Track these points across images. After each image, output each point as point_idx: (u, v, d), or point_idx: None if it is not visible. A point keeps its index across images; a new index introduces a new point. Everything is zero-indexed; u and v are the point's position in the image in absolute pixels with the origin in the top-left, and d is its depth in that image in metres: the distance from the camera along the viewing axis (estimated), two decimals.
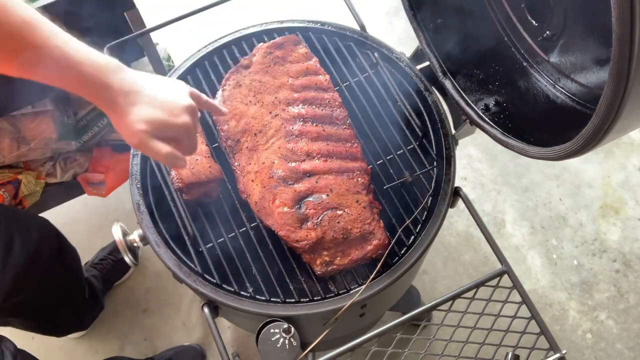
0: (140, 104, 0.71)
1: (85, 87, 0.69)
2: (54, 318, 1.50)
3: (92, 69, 0.68)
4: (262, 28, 1.19)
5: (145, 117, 0.71)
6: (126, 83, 0.71)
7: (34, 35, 0.65)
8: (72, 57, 0.67)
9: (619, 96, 0.60)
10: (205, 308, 0.95)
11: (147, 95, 0.72)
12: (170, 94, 0.75)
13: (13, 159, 1.52)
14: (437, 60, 1.11)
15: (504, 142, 0.95)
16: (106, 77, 0.69)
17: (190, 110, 0.76)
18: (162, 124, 0.73)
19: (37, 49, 0.65)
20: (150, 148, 0.73)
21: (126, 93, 0.71)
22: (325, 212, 0.96)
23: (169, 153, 0.74)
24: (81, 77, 0.68)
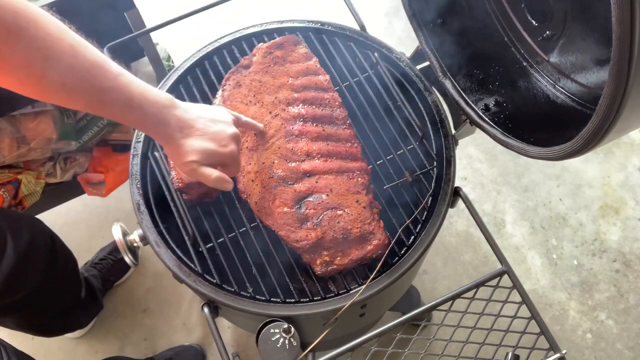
0: (194, 137, 0.80)
1: (146, 126, 0.78)
2: (48, 318, 1.49)
3: (152, 110, 0.76)
4: (262, 28, 1.19)
5: (197, 149, 0.80)
6: (181, 119, 0.79)
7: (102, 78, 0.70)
8: (135, 98, 0.74)
9: (619, 96, 0.60)
10: (205, 308, 0.95)
11: (199, 129, 0.81)
12: (218, 126, 0.83)
13: (13, 159, 1.52)
14: (437, 60, 1.11)
15: (504, 142, 0.95)
16: (165, 115, 0.77)
17: (235, 138, 0.85)
18: (212, 154, 0.81)
19: (105, 91, 0.71)
20: (200, 174, 0.82)
21: (181, 128, 0.79)
22: (325, 212, 0.96)
23: (217, 178, 0.82)
24: (143, 118, 0.76)
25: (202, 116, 0.82)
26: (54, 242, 1.42)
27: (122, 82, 0.72)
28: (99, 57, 0.70)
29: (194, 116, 0.81)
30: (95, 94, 0.70)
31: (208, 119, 0.82)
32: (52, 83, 0.67)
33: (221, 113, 0.86)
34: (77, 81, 0.68)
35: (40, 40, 0.64)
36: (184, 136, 0.79)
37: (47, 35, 0.64)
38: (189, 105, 0.82)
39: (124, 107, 0.73)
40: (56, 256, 1.40)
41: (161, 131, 0.78)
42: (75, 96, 0.70)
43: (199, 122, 0.81)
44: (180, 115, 0.79)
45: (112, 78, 0.71)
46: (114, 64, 0.72)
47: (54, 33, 0.65)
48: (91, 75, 0.69)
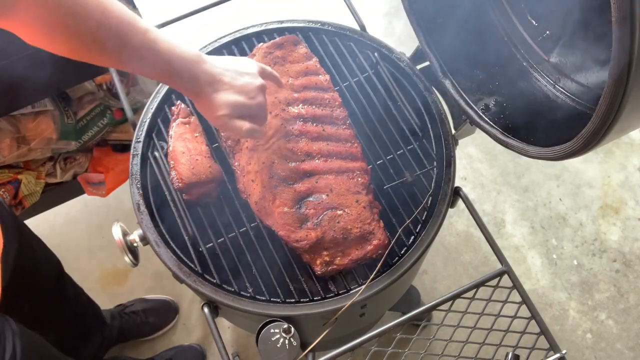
0: (223, 91, 0.82)
1: (175, 80, 0.79)
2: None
3: (181, 65, 0.77)
4: (262, 28, 1.19)
5: (227, 102, 0.82)
6: (209, 73, 0.81)
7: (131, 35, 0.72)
8: (163, 54, 0.75)
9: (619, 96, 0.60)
10: (205, 308, 0.95)
11: (227, 83, 0.82)
12: (245, 78, 0.85)
13: (13, 159, 1.52)
14: (437, 60, 1.11)
15: (504, 142, 0.95)
16: (193, 69, 0.79)
17: (263, 89, 0.87)
18: (242, 106, 0.84)
19: (133, 47, 0.73)
20: (232, 127, 0.84)
21: (210, 82, 0.81)
22: (325, 212, 0.96)
23: (249, 129, 0.85)
24: (172, 73, 0.78)
25: (229, 69, 0.84)
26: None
27: (150, 37, 0.74)
28: (127, 14, 0.72)
29: (222, 69, 0.82)
30: (125, 50, 0.72)
31: (235, 71, 0.84)
32: (83, 40, 0.69)
33: (248, 64, 0.88)
34: (107, 38, 0.70)
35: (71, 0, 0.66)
36: (213, 90, 0.81)
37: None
38: (215, 59, 0.83)
39: (153, 63, 0.75)
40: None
41: (191, 86, 0.80)
42: (105, 53, 0.72)
43: (227, 75, 0.82)
44: (208, 70, 0.80)
45: (141, 34, 0.73)
46: (141, 20, 0.74)
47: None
48: (120, 32, 0.71)
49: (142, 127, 1.09)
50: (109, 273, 1.91)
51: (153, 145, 1.08)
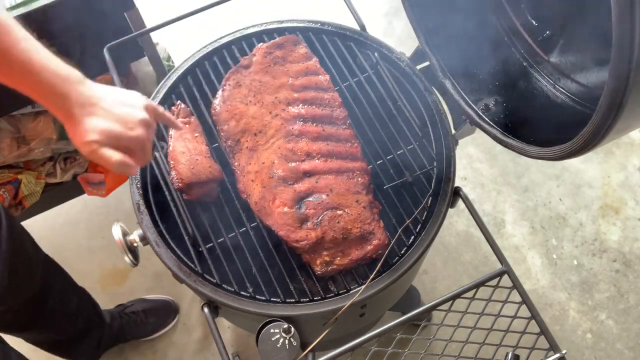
0: (96, 116, 0.74)
1: (43, 94, 0.72)
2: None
3: (52, 78, 0.70)
4: (262, 28, 1.19)
5: (99, 128, 0.74)
6: (84, 95, 0.73)
7: (5, 37, 0.67)
8: (35, 63, 0.69)
9: (619, 96, 0.60)
10: (205, 308, 0.95)
11: (103, 108, 0.75)
12: (126, 108, 0.77)
13: (13, 159, 1.52)
14: (437, 60, 1.11)
15: (504, 142, 0.95)
16: (65, 87, 0.71)
17: (145, 123, 0.79)
18: (116, 136, 0.75)
19: (4, 51, 0.67)
20: (100, 156, 0.75)
21: (82, 104, 0.73)
22: (325, 212, 0.96)
23: (118, 161, 0.75)
24: (40, 84, 0.70)
25: (110, 96, 0.76)
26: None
27: (24, 46, 0.68)
28: (4, 19, 0.67)
29: (102, 95, 0.75)
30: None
31: (116, 100, 0.77)
32: None
33: (133, 97, 0.81)
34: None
35: None
36: (85, 114, 0.73)
37: None
38: (99, 85, 0.76)
39: (22, 70, 0.69)
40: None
41: (59, 104, 0.72)
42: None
43: (105, 101, 0.75)
44: (84, 92, 0.73)
45: (14, 40, 0.68)
46: (22, 30, 0.69)
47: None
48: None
49: None
50: (109, 273, 1.91)
51: (153, 146, 1.08)
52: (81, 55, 1.32)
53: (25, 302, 1.29)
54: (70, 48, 1.32)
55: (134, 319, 1.73)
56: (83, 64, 0.74)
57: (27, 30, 0.73)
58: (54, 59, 0.71)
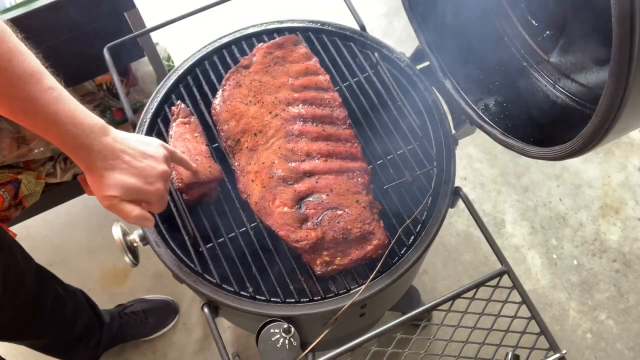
0: (117, 170, 0.75)
1: (65, 145, 0.72)
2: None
3: (76, 130, 0.71)
4: (262, 28, 1.19)
5: (120, 183, 0.75)
6: (106, 147, 0.74)
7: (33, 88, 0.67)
8: (60, 115, 0.69)
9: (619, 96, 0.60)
10: (205, 308, 0.95)
11: (125, 162, 0.76)
12: (147, 160, 0.78)
13: (13, 159, 1.52)
14: (437, 60, 1.11)
15: (504, 142, 0.95)
16: (88, 139, 0.72)
17: (164, 176, 0.81)
18: (136, 190, 0.77)
19: (31, 100, 0.67)
20: (119, 210, 0.77)
21: (104, 157, 0.74)
22: (325, 212, 0.96)
23: (137, 216, 0.77)
24: (64, 136, 0.71)
25: (131, 148, 0.77)
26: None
27: (51, 95, 0.69)
28: (34, 67, 0.68)
29: (124, 147, 0.76)
30: (21, 102, 0.68)
31: (138, 152, 0.78)
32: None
33: (154, 148, 0.81)
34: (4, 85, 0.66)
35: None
36: (106, 167, 0.74)
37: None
38: (121, 135, 0.77)
39: (48, 122, 0.69)
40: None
41: (82, 156, 0.73)
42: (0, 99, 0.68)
43: (127, 154, 0.76)
44: (107, 143, 0.74)
45: (42, 90, 0.68)
46: (50, 78, 0.69)
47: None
48: (21, 82, 0.66)
49: (142, 127, 1.09)
50: (109, 273, 1.91)
51: None
52: (81, 55, 1.32)
53: (19, 312, 1.29)
54: (70, 48, 1.32)
55: (133, 319, 1.73)
56: (83, 64, 0.74)
57: (27, 30, 0.73)
58: (79, 109, 0.72)
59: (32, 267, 1.34)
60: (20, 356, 1.71)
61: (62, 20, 1.25)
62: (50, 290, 1.40)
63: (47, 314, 1.37)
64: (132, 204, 0.77)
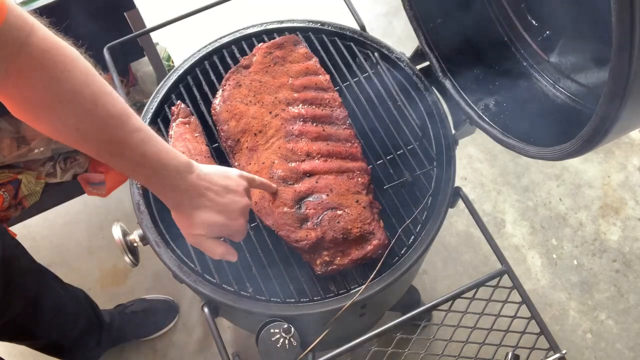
0: (203, 208, 0.77)
1: (154, 186, 0.75)
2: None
3: (164, 172, 0.73)
4: (262, 28, 1.19)
5: (206, 222, 0.78)
6: (192, 186, 0.76)
7: (119, 131, 0.68)
8: (147, 156, 0.71)
9: (619, 96, 0.60)
10: (205, 308, 0.95)
11: (210, 200, 0.78)
12: (230, 195, 0.80)
13: (13, 159, 1.52)
14: (437, 60, 1.11)
15: (504, 142, 0.95)
16: (175, 180, 0.74)
17: (246, 210, 0.83)
18: (221, 227, 0.80)
19: (118, 143, 0.68)
20: (206, 248, 0.81)
21: (190, 196, 0.76)
22: (325, 212, 0.96)
23: (222, 253, 0.82)
24: (152, 178, 0.73)
25: (215, 184, 0.79)
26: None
27: (137, 137, 0.69)
28: (120, 109, 0.68)
29: (207, 184, 0.78)
30: (108, 144, 0.68)
31: (221, 187, 0.79)
32: (65, 126, 0.66)
33: (235, 181, 0.82)
34: (91, 129, 0.66)
35: (62, 83, 0.62)
36: (193, 206, 0.77)
37: (70, 78, 0.63)
38: (205, 170, 0.79)
39: (135, 164, 0.71)
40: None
41: (170, 196, 0.76)
42: (87, 143, 0.68)
43: (211, 191, 0.78)
44: (192, 182, 0.76)
45: (129, 132, 0.68)
46: (136, 118, 0.70)
47: (78, 77, 0.64)
48: (107, 126, 0.67)
49: None
50: (109, 273, 1.91)
51: None
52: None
53: (20, 312, 1.29)
54: None
55: (133, 319, 1.73)
56: None
57: None
58: (164, 149, 0.73)
59: (32, 267, 1.34)
60: (20, 356, 1.71)
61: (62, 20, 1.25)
62: (51, 291, 1.40)
63: (47, 314, 1.37)
64: (217, 241, 0.81)
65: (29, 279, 1.29)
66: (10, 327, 1.30)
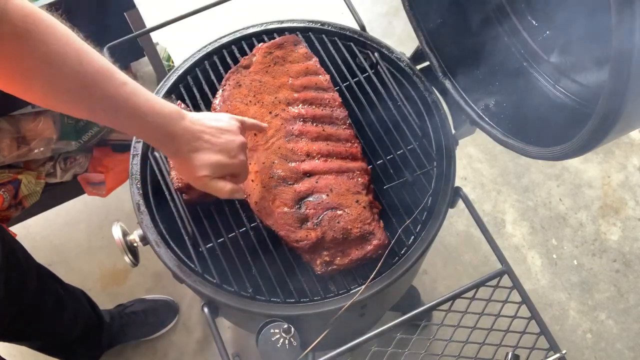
0: (202, 150, 0.79)
1: (151, 136, 0.76)
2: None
3: (158, 119, 0.73)
4: (262, 28, 1.19)
5: (208, 162, 0.79)
6: (188, 131, 0.77)
7: (108, 85, 0.68)
8: (140, 108, 0.71)
9: (619, 96, 0.60)
10: (205, 308, 0.95)
11: (207, 141, 0.79)
12: (225, 135, 0.82)
13: (13, 159, 1.52)
14: (437, 60, 1.10)
15: (504, 142, 0.95)
16: (170, 127, 0.75)
17: (243, 147, 0.85)
18: (223, 166, 0.81)
19: (110, 98, 0.69)
20: (213, 188, 0.82)
21: (188, 140, 0.77)
22: (325, 212, 0.96)
23: (230, 190, 0.83)
24: (147, 127, 0.74)
25: (208, 127, 0.80)
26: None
27: (127, 90, 0.70)
28: (104, 64, 0.69)
29: (202, 127, 0.79)
30: (99, 101, 0.69)
31: (214, 129, 0.81)
32: (56, 89, 0.66)
33: (227, 121, 0.84)
34: (82, 88, 0.67)
35: (47, 45, 0.63)
36: (192, 149, 0.78)
37: (54, 40, 0.64)
38: (195, 116, 0.80)
39: (129, 116, 0.71)
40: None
41: (168, 144, 0.77)
42: (79, 103, 0.69)
43: (206, 133, 0.79)
44: (187, 127, 0.77)
45: (117, 85, 0.69)
46: (119, 72, 0.70)
47: (61, 38, 0.64)
48: (95, 82, 0.67)
49: None
50: (109, 273, 1.91)
51: None
52: None
53: (21, 312, 1.29)
54: None
55: (133, 319, 1.73)
56: None
57: None
58: (154, 98, 0.74)
59: (33, 267, 1.34)
60: (20, 356, 1.71)
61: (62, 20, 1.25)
62: (51, 290, 1.40)
63: (47, 314, 1.37)
64: (222, 180, 0.82)
65: (29, 278, 1.29)
66: (11, 327, 1.30)
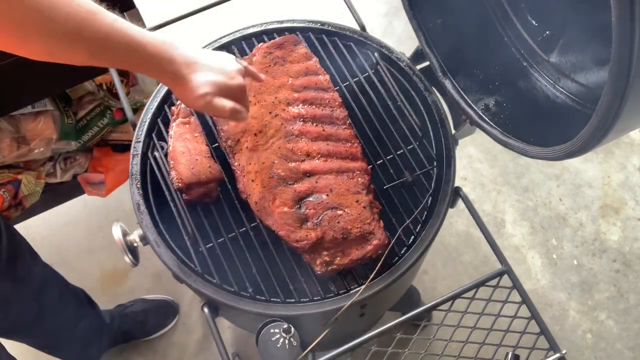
0: (201, 71, 0.80)
1: (150, 65, 0.77)
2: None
3: (155, 48, 0.76)
4: (262, 28, 1.19)
5: (207, 80, 0.80)
6: (186, 55, 0.79)
7: (99, 24, 0.70)
8: (136, 40, 0.73)
9: (619, 96, 0.60)
10: (205, 308, 0.95)
11: (205, 64, 0.81)
12: (221, 61, 0.84)
13: (13, 159, 1.52)
14: (437, 60, 1.11)
15: (504, 142, 0.95)
16: (168, 53, 0.77)
17: (241, 72, 0.87)
18: (222, 87, 0.82)
19: (106, 36, 0.70)
20: (215, 106, 0.82)
21: (187, 64, 0.79)
22: (325, 212, 0.96)
23: (233, 108, 0.83)
24: (147, 57, 0.75)
25: (203, 52, 0.83)
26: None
27: (120, 25, 0.72)
28: (93, 4, 0.70)
29: (197, 53, 0.82)
30: (96, 40, 0.70)
31: (210, 54, 0.84)
32: (53, 35, 0.67)
33: (220, 53, 0.87)
34: (78, 29, 0.68)
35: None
36: (191, 72, 0.80)
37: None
38: (189, 44, 0.82)
39: (127, 50, 0.73)
40: None
41: (167, 69, 0.78)
42: (77, 46, 0.70)
43: (203, 57, 0.82)
44: (184, 52, 0.79)
45: (110, 22, 0.71)
46: (107, 11, 0.72)
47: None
48: (89, 21, 0.68)
49: (142, 127, 1.09)
50: (109, 273, 1.91)
51: (153, 145, 1.08)
52: None
53: (21, 312, 1.29)
54: None
55: (134, 319, 1.73)
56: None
57: None
58: (144, 31, 0.76)
59: (38, 265, 1.34)
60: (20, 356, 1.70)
61: None
62: (55, 288, 1.41)
63: (49, 313, 1.37)
64: (224, 99, 0.82)
65: (34, 275, 1.29)
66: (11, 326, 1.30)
